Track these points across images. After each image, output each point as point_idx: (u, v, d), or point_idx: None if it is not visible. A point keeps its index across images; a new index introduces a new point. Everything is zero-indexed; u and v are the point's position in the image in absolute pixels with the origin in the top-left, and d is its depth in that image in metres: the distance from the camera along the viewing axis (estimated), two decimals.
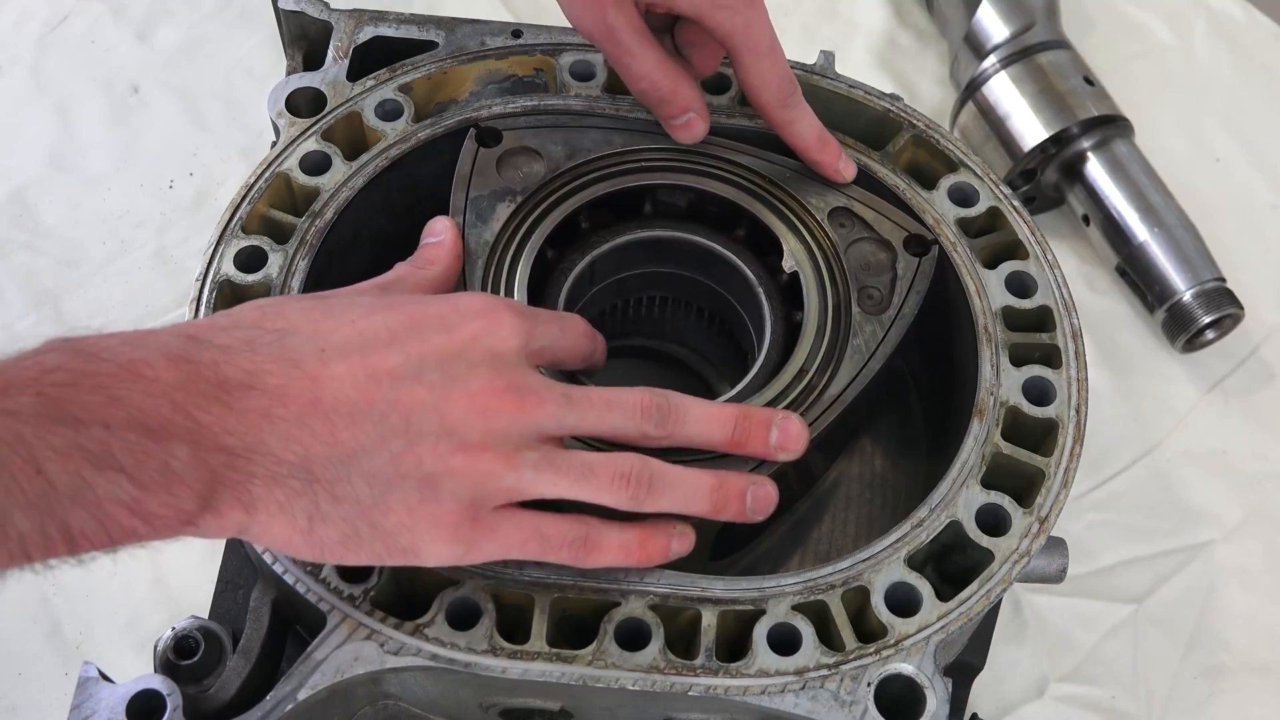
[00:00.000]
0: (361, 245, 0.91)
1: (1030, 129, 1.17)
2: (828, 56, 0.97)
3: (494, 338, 0.70)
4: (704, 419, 0.76)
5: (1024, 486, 0.80)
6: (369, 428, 0.66)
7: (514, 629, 0.75)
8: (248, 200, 0.88)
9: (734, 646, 0.75)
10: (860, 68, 1.31)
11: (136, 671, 0.73)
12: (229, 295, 0.84)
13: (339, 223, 0.88)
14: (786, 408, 0.82)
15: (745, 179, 0.92)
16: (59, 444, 0.58)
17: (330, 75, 0.94)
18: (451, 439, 0.67)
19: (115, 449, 0.59)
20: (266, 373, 0.65)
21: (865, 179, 0.92)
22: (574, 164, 0.91)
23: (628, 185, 0.92)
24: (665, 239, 0.93)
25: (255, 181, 0.88)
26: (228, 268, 0.85)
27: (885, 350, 0.84)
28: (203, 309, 0.83)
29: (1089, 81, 1.20)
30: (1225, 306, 1.13)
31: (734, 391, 0.85)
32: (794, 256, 0.89)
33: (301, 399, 0.65)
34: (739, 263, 0.91)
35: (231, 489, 0.64)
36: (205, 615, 0.81)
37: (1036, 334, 0.86)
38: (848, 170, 0.90)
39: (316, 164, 0.90)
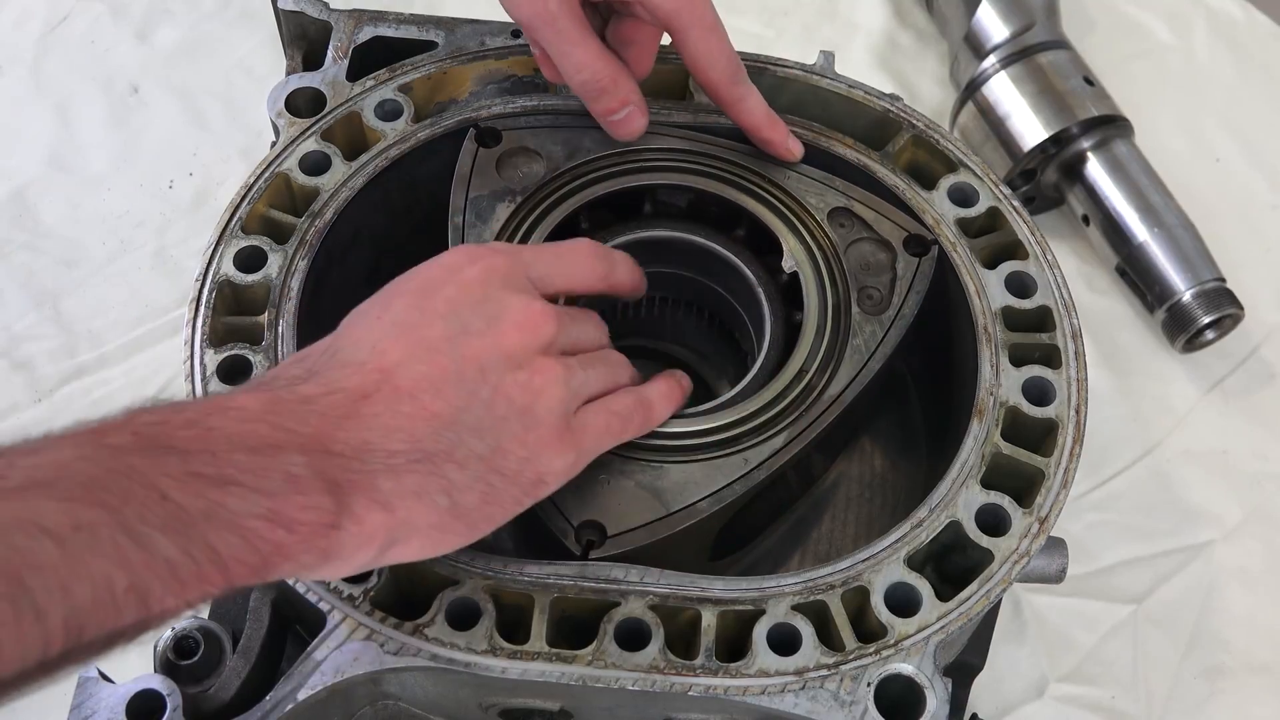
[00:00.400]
0: (361, 245, 0.91)
1: (1030, 129, 1.17)
2: (828, 56, 0.97)
3: (496, 272, 0.74)
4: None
5: (1024, 486, 0.80)
6: (453, 390, 0.68)
7: (514, 629, 0.75)
8: (248, 200, 0.88)
9: (734, 646, 0.75)
10: (860, 68, 1.31)
11: (136, 671, 0.73)
12: (229, 295, 0.84)
13: (339, 223, 0.88)
14: (786, 408, 0.82)
15: (745, 179, 0.92)
16: (173, 470, 0.57)
17: (330, 75, 0.94)
18: (523, 368, 0.71)
19: (229, 469, 0.59)
20: (339, 381, 0.66)
21: (864, 178, 0.92)
22: (574, 164, 0.91)
23: (628, 185, 0.92)
24: (665, 239, 0.93)
25: (255, 181, 0.88)
26: (227, 268, 0.85)
27: (885, 350, 0.84)
28: (202, 309, 0.83)
29: (1089, 81, 1.20)
30: (1225, 306, 1.13)
31: (733, 392, 0.85)
32: (794, 256, 0.89)
33: (382, 391, 0.67)
34: (739, 263, 0.91)
35: (361, 491, 0.64)
36: (205, 615, 0.81)
37: (1036, 334, 0.86)
38: (796, 148, 0.91)
39: (316, 164, 0.90)
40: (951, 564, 0.79)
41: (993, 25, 1.23)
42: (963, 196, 0.91)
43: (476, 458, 0.68)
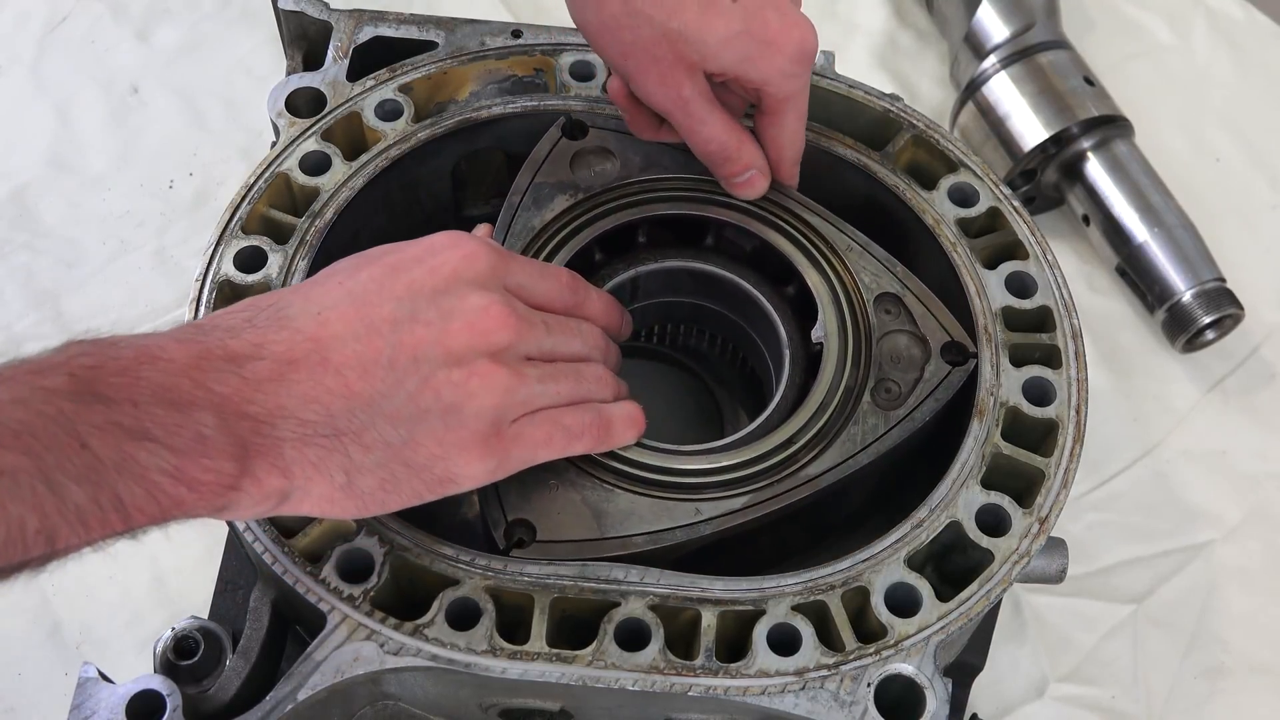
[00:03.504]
0: (361, 245, 0.90)
1: (1030, 129, 1.17)
2: (828, 56, 0.97)
3: (471, 266, 0.74)
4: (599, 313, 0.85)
5: (1024, 487, 0.80)
6: (380, 374, 0.69)
7: (514, 629, 0.75)
8: (248, 200, 0.88)
9: (734, 647, 0.75)
10: (860, 68, 1.31)
11: (137, 672, 0.73)
12: (229, 295, 0.84)
13: (339, 223, 0.88)
14: (757, 473, 0.81)
15: (809, 239, 0.90)
16: (97, 420, 0.60)
17: (330, 75, 0.94)
18: (461, 367, 0.71)
19: (147, 422, 0.61)
20: (271, 342, 0.67)
21: (931, 274, 0.89)
22: (647, 176, 0.91)
23: (695, 213, 0.91)
24: (717, 276, 0.92)
25: (255, 181, 0.88)
26: (227, 268, 0.85)
27: (880, 447, 0.82)
28: (202, 309, 0.83)
29: (1089, 81, 1.20)
30: (1225, 306, 1.13)
31: (725, 442, 0.84)
32: (825, 329, 0.87)
33: (310, 360, 0.68)
34: (777, 320, 0.90)
35: (264, 455, 0.66)
36: (205, 615, 0.81)
37: (1036, 334, 0.85)
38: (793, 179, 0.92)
39: (316, 164, 0.90)
40: (951, 564, 0.79)
41: (993, 25, 1.23)
42: (963, 196, 0.91)
43: (385, 444, 0.69)
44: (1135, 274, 1.16)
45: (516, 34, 0.96)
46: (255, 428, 0.65)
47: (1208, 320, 1.13)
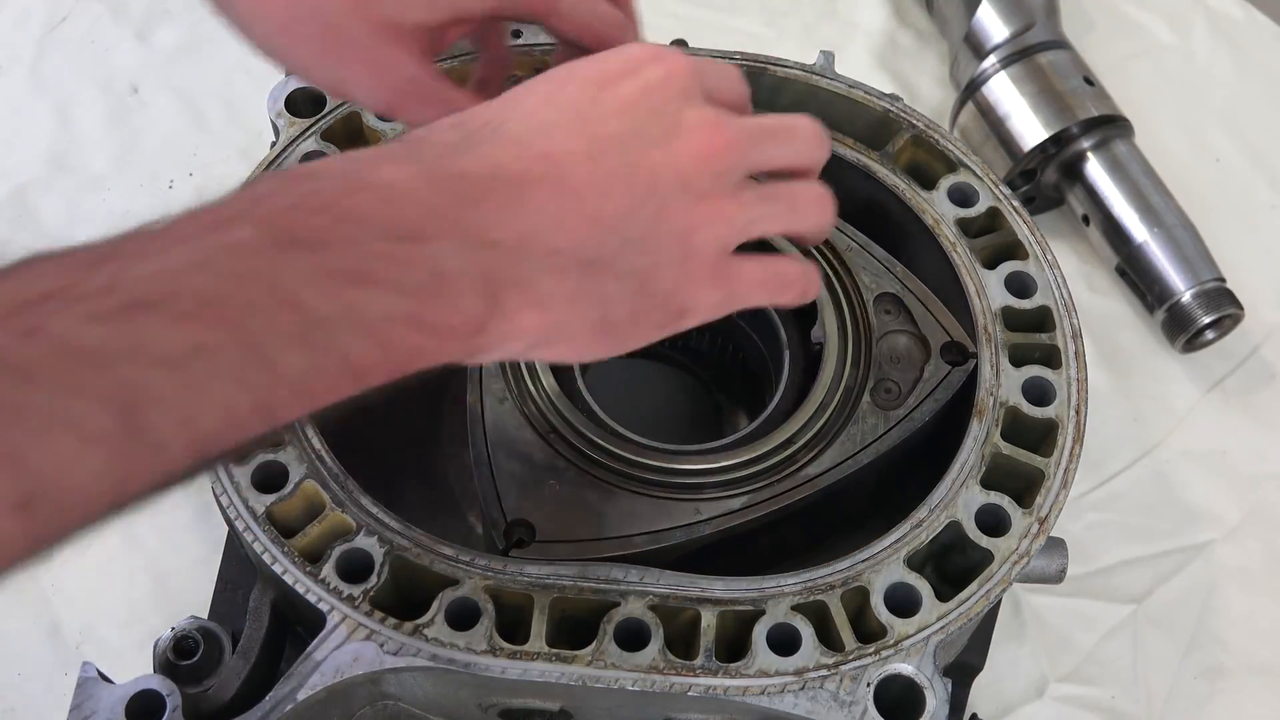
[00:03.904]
0: None
1: (1030, 129, 1.17)
2: (828, 56, 0.97)
3: (679, 78, 0.66)
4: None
5: (1024, 487, 0.80)
6: (621, 196, 0.62)
7: (514, 629, 0.75)
8: None
9: (734, 647, 0.75)
10: (860, 68, 1.31)
11: (136, 672, 0.73)
12: None
13: None
14: (757, 473, 0.81)
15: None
16: (304, 270, 0.52)
17: None
18: (689, 192, 0.64)
19: (370, 263, 0.53)
20: (501, 160, 0.60)
21: (931, 274, 0.88)
22: None
23: None
24: None
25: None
26: None
27: (879, 447, 0.82)
28: None
29: (1089, 81, 1.20)
30: (1225, 306, 1.13)
31: (725, 442, 0.84)
32: (824, 329, 0.87)
33: (548, 180, 0.60)
34: (776, 320, 0.90)
35: (517, 288, 0.58)
36: (205, 615, 0.81)
37: (1036, 334, 0.85)
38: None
39: None
40: (951, 564, 0.79)
41: (993, 25, 1.23)
42: (963, 196, 0.91)
43: (633, 272, 0.63)
44: (1135, 274, 1.16)
45: (516, 34, 0.96)
46: (504, 257, 0.58)
47: (1208, 320, 1.13)
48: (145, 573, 1.04)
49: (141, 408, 0.47)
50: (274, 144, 0.91)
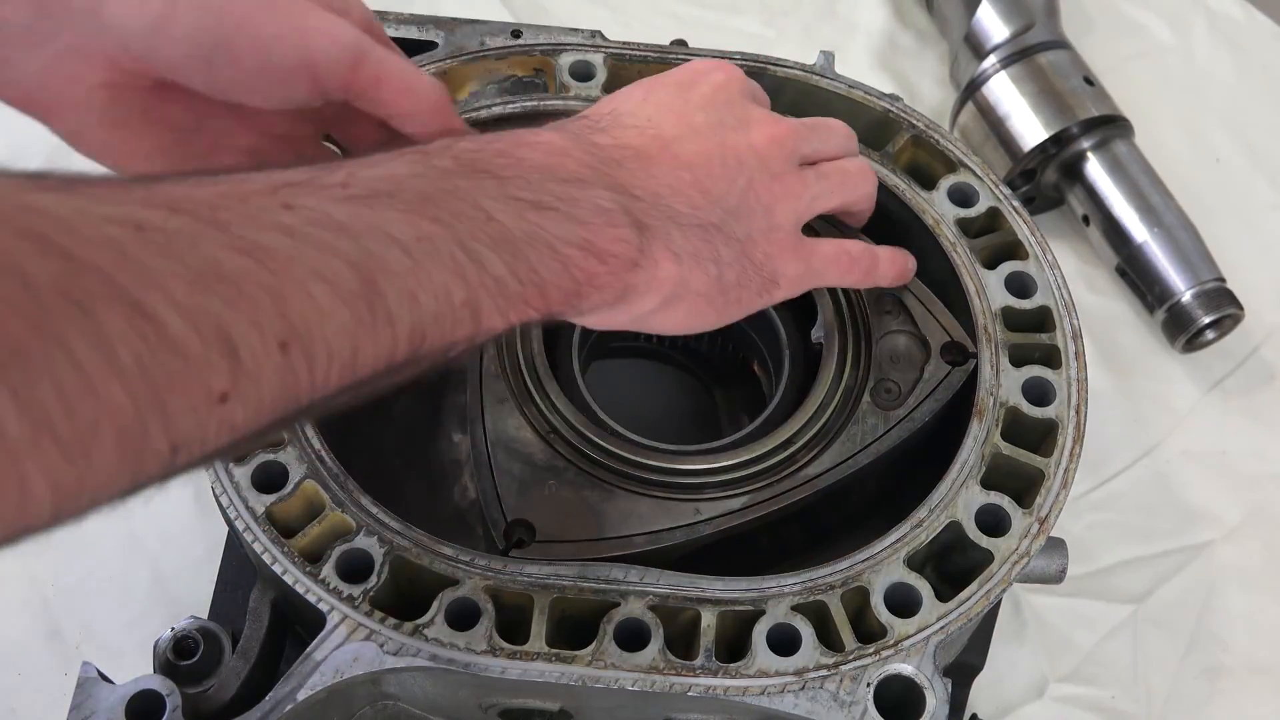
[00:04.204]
0: None
1: (1030, 129, 1.17)
2: (828, 56, 0.97)
3: (737, 82, 0.78)
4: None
5: (1024, 487, 0.80)
6: (719, 172, 0.71)
7: (514, 629, 0.75)
8: None
9: (734, 647, 0.75)
10: (860, 68, 1.31)
11: (137, 672, 0.73)
12: None
13: None
14: (757, 473, 0.81)
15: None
16: (495, 193, 0.59)
17: None
18: (766, 170, 0.74)
19: (545, 197, 0.61)
20: (625, 138, 0.69)
21: (931, 274, 0.88)
22: None
23: None
24: None
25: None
26: None
27: (879, 448, 0.82)
28: None
29: (1089, 81, 1.20)
30: (1225, 306, 1.13)
31: (725, 442, 0.84)
32: (824, 329, 0.87)
33: (664, 156, 0.70)
34: (776, 320, 0.90)
35: (658, 237, 0.67)
36: (205, 615, 0.81)
37: (1036, 334, 0.85)
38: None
39: None
40: (951, 564, 0.79)
41: (993, 25, 1.23)
42: (963, 196, 0.91)
43: (736, 239, 0.72)
44: (1135, 274, 1.16)
45: (516, 34, 0.96)
46: (645, 209, 0.66)
47: (1208, 320, 1.13)
48: (145, 573, 1.04)
49: (379, 277, 0.53)
50: None
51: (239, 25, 0.66)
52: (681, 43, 0.97)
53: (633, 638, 0.74)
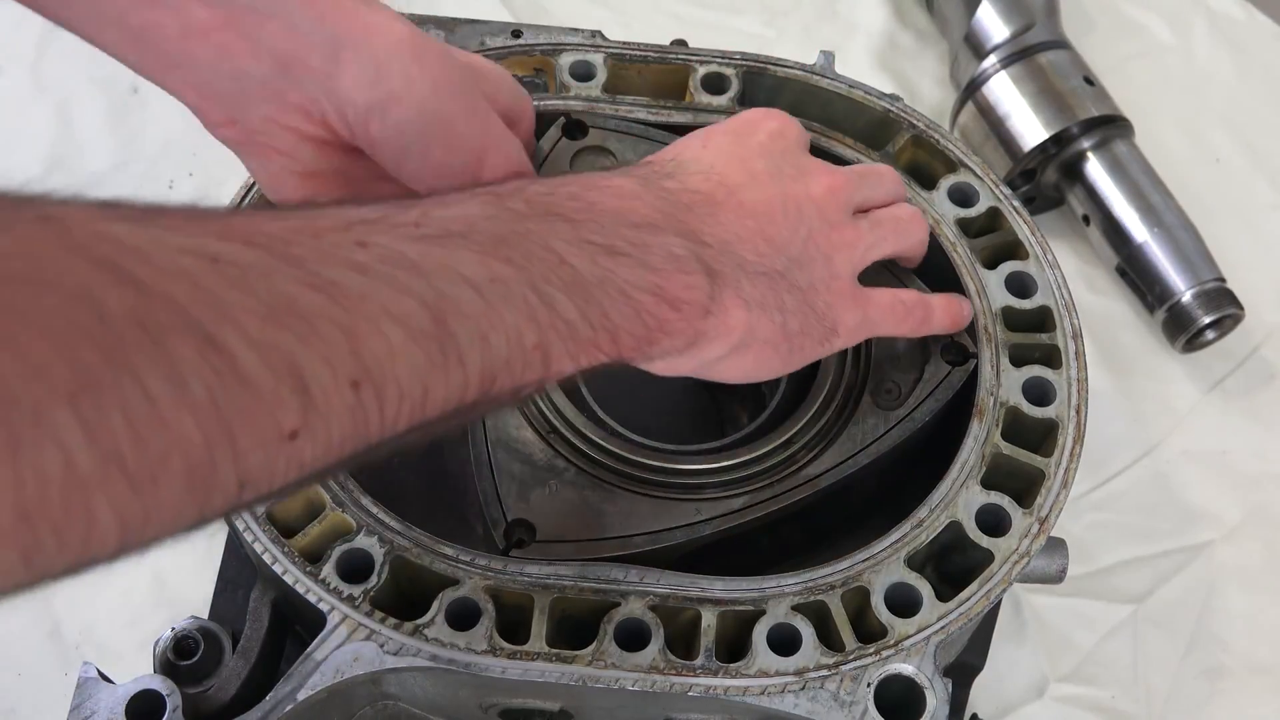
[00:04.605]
0: None
1: (1030, 129, 1.17)
2: (828, 56, 0.97)
3: (791, 132, 0.78)
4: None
5: (1024, 487, 0.80)
6: (781, 220, 0.71)
7: (514, 629, 0.75)
8: (248, 200, 0.88)
9: (734, 647, 0.75)
10: (860, 68, 1.31)
11: (137, 672, 0.73)
12: None
13: None
14: (758, 473, 0.81)
15: None
16: (568, 236, 0.59)
17: None
18: (825, 220, 0.74)
19: (617, 242, 0.61)
20: (693, 185, 0.69)
21: (931, 274, 0.87)
22: None
23: None
24: None
25: (255, 182, 0.88)
26: None
27: (879, 448, 0.82)
28: None
29: (1089, 81, 1.20)
30: (1225, 306, 1.13)
31: (725, 442, 0.84)
32: None
33: (729, 203, 0.70)
34: None
35: (728, 284, 0.66)
36: (205, 615, 0.81)
37: (1036, 334, 0.85)
38: None
39: None
40: (951, 564, 0.79)
41: (993, 25, 1.23)
42: (963, 196, 0.91)
43: (799, 288, 0.71)
44: (1135, 274, 1.16)
45: (516, 34, 0.96)
46: (716, 254, 0.66)
47: (1208, 320, 1.13)
48: (145, 573, 1.04)
49: (451, 318, 0.53)
50: None
51: (443, 129, 0.70)
52: (682, 43, 0.97)
53: (633, 638, 0.74)
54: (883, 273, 0.84)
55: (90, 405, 0.40)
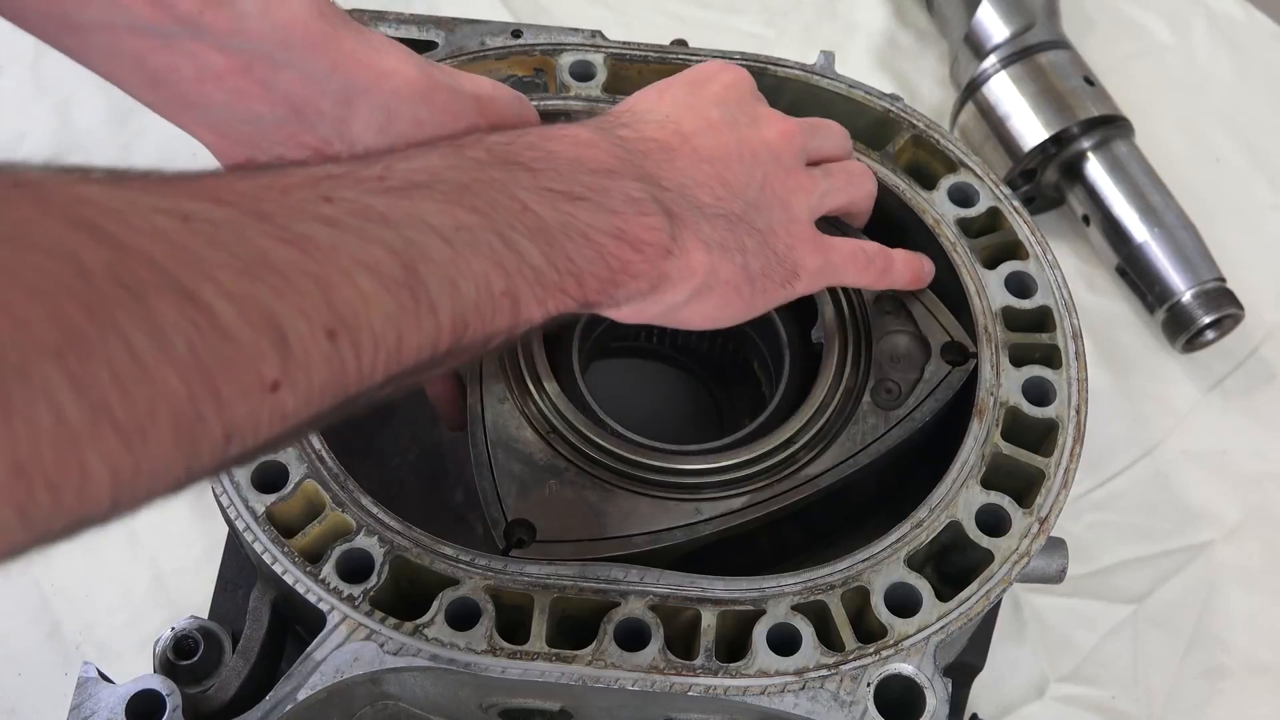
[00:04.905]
0: None
1: (1030, 129, 1.17)
2: (828, 56, 0.97)
3: (745, 82, 0.80)
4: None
5: (1024, 487, 0.80)
6: (736, 165, 0.73)
7: (514, 629, 0.75)
8: None
9: (734, 647, 0.75)
10: (860, 68, 1.31)
11: (137, 672, 0.73)
12: None
13: None
14: (758, 473, 0.81)
15: None
16: (528, 184, 0.61)
17: None
18: (780, 165, 0.76)
19: (576, 187, 0.63)
20: (649, 134, 0.71)
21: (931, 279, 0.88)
22: None
23: None
24: None
25: None
26: None
27: (880, 447, 0.82)
28: None
29: (1089, 81, 1.20)
30: (1225, 306, 1.13)
31: (725, 441, 0.84)
32: (825, 329, 0.86)
33: (684, 149, 0.71)
34: (776, 319, 0.89)
35: (688, 226, 0.68)
36: (205, 615, 0.81)
37: (1036, 334, 0.85)
38: None
39: None
40: (951, 564, 0.79)
41: (993, 25, 1.23)
42: (963, 196, 0.91)
43: (759, 231, 0.73)
44: (1135, 274, 1.16)
45: (516, 34, 0.96)
46: (674, 197, 0.68)
47: (1208, 320, 1.13)
48: (145, 573, 1.04)
49: (421, 265, 0.53)
50: None
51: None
52: (682, 43, 0.97)
53: (633, 637, 0.74)
54: (833, 231, 0.84)
55: (77, 361, 0.40)
